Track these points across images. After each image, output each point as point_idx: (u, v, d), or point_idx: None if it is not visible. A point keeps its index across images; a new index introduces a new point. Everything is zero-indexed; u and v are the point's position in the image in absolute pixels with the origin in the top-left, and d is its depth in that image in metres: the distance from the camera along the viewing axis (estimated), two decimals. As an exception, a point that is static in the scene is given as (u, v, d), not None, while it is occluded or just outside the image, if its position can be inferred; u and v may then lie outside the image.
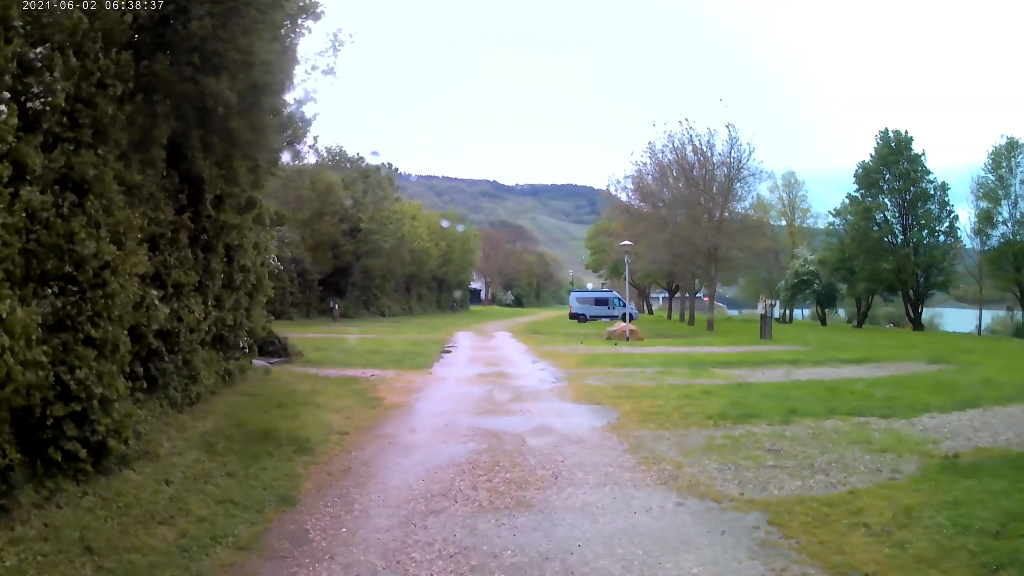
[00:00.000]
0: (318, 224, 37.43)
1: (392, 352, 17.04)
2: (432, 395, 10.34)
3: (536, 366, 15.05)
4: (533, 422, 8.22)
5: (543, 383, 12.02)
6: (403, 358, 15.60)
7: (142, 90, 7.05)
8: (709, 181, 33.48)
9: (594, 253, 65.35)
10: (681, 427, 8.48)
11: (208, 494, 5.54)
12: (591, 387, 11.58)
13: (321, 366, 13.55)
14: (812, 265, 52.80)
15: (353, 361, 14.60)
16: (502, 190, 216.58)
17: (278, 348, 14.28)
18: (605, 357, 17.16)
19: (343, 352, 16.57)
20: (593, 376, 13.16)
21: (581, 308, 43.98)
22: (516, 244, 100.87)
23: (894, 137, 45.05)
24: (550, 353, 18.01)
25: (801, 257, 54.89)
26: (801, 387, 12.69)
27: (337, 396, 9.80)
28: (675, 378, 13.41)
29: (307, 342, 19.76)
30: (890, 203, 45.47)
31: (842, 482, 6.54)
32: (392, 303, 47.27)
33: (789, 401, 10.73)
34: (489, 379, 12.31)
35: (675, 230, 32.59)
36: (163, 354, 8.12)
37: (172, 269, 7.92)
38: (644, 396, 10.71)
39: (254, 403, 9.02)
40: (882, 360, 18.40)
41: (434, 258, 52.66)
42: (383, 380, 11.75)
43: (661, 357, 17.76)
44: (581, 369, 14.39)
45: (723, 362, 16.97)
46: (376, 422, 8.03)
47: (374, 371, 12.88)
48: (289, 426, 7.56)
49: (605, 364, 15.39)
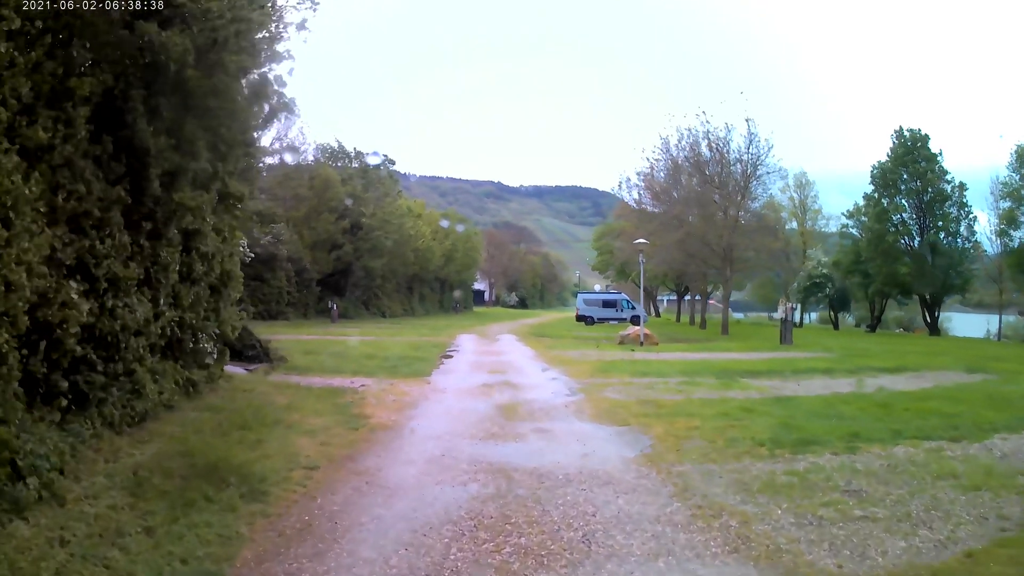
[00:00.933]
0: (316, 222, 35.97)
1: (388, 357, 15.50)
2: (428, 411, 8.77)
3: (546, 374, 13.47)
4: (550, 452, 6.63)
5: (556, 396, 10.43)
6: (399, 364, 14.05)
7: (57, 32, 5.53)
8: (725, 178, 31.87)
9: (601, 254, 63.82)
10: (731, 458, 6.91)
11: (110, 565, 4.00)
12: (612, 402, 10.00)
13: (306, 373, 12.01)
14: (825, 268, 51.38)
15: (343, 367, 13.06)
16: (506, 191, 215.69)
17: (258, 352, 12.75)
18: (621, 364, 15.57)
19: (334, 357, 15.02)
20: (611, 388, 11.59)
21: (588, 310, 42.42)
22: (520, 245, 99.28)
23: (910, 136, 43.58)
24: (560, 359, 16.43)
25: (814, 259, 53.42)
26: (848, 402, 11.20)
27: (316, 413, 8.25)
28: (704, 390, 11.85)
29: (297, 345, 18.27)
30: (907, 204, 44.03)
31: (952, 539, 5.06)
32: (393, 304, 45.78)
33: (843, 421, 9.27)
34: (494, 391, 10.73)
35: (689, 229, 30.97)
36: (95, 363, 6.60)
37: (104, 258, 6.39)
38: (675, 414, 9.14)
39: (213, 422, 7.47)
40: (918, 369, 16.98)
41: (437, 257, 51.13)
42: (373, 392, 10.20)
43: (682, 365, 16.18)
44: (597, 379, 12.82)
45: (750, 371, 15.38)
46: (356, 450, 6.47)
47: (365, 380, 11.33)
48: (246, 456, 6.01)
49: (622, 373, 13.80)
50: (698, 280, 39.19)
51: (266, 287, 32.16)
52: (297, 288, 34.77)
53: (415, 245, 45.41)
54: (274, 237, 32.82)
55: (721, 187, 31.68)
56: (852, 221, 48.72)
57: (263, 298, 31.93)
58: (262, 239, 31.85)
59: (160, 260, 7.60)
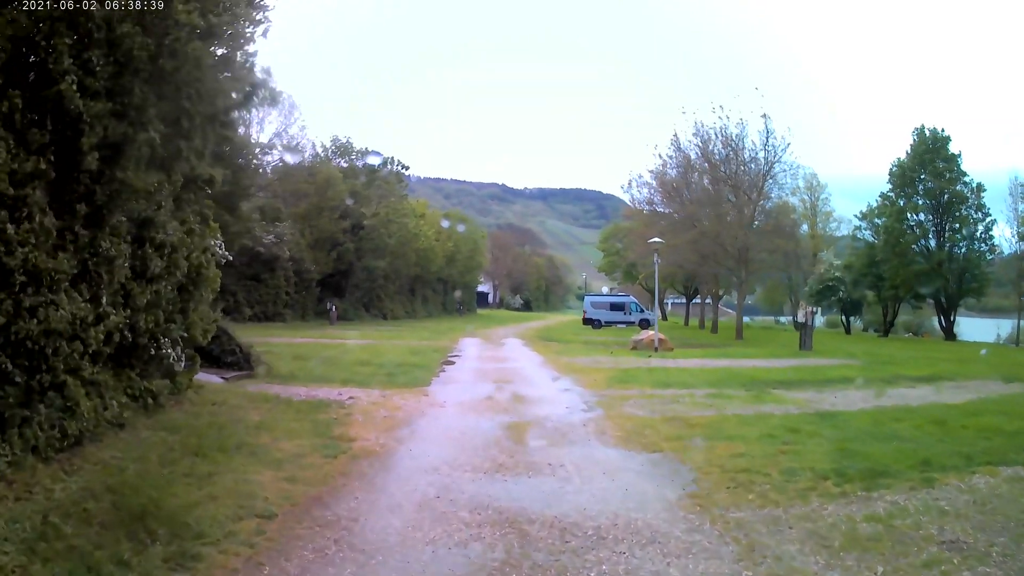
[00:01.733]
0: (316, 220, 34.76)
1: (384, 363, 14.22)
2: (423, 433, 7.45)
3: (558, 385, 12.15)
4: (573, 491, 5.31)
5: (572, 412, 9.10)
6: (396, 371, 12.76)
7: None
8: (740, 176, 30.53)
9: (607, 256, 62.38)
10: (795, 498, 5.59)
11: None
12: (636, 419, 8.67)
13: (290, 382, 10.75)
14: (837, 271, 50.06)
15: (333, 375, 11.78)
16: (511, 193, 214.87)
17: (238, 359, 11.48)
18: (638, 373, 14.25)
19: (325, 363, 13.75)
20: (632, 401, 10.26)
21: (595, 313, 41.05)
22: (525, 247, 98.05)
23: (931, 136, 42.30)
24: (571, 367, 15.11)
25: (827, 262, 52.05)
26: (898, 418, 9.95)
27: (290, 434, 6.96)
28: (736, 405, 10.54)
29: (289, 349, 17.05)
30: (924, 204, 42.79)
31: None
32: (395, 305, 44.53)
33: (904, 443, 8.05)
34: (501, 405, 9.41)
35: (703, 229, 29.61)
36: (11, 374, 5.35)
37: (18, 245, 5.13)
38: (713, 435, 7.83)
39: (164, 447, 6.20)
40: (953, 377, 15.83)
41: (440, 258, 49.87)
42: (362, 406, 8.91)
43: (704, 373, 14.86)
44: (614, 390, 11.49)
45: (780, 381, 14.07)
46: (330, 488, 5.16)
47: (354, 391, 10.04)
48: (188, 498, 4.73)
49: (642, 383, 12.48)
50: (710, 282, 37.80)
51: (263, 288, 30.97)
52: (296, 289, 33.57)
53: (417, 245, 44.18)
54: (276, 237, 31.63)
55: (736, 186, 30.35)
56: (865, 223, 47.61)
57: (260, 299, 30.75)
58: (264, 238, 30.71)
59: (101, 251, 6.32)
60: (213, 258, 9.63)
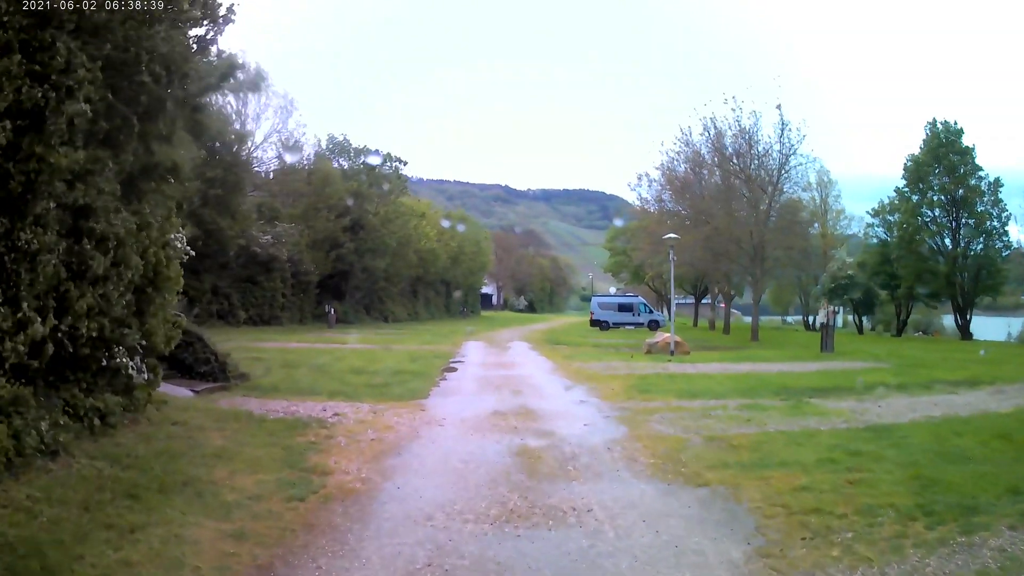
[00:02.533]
0: (314, 220, 33.55)
1: (380, 371, 13.04)
2: (416, 462, 6.20)
3: (572, 395, 10.92)
4: (608, 551, 4.03)
5: (593, 431, 7.85)
6: (392, 381, 11.57)
7: None
8: (755, 170, 29.23)
9: (613, 256, 60.98)
10: (887, 551, 4.38)
11: None
12: (669, 440, 7.44)
13: (270, 395, 9.55)
14: (850, 269, 48.78)
15: (321, 386, 10.58)
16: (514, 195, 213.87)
17: (213, 368, 10.28)
18: (658, 380, 13.00)
19: (315, 371, 12.57)
20: (659, 416, 9.01)
21: (603, 315, 39.75)
22: (529, 248, 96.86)
23: (943, 129, 40.99)
24: (584, 373, 13.87)
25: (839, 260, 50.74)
26: (958, 432, 8.76)
27: (253, 465, 5.75)
28: (776, 418, 9.30)
29: (279, 355, 15.88)
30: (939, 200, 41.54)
31: None
32: (396, 307, 43.36)
33: (979, 466, 6.94)
34: (509, 422, 8.16)
35: (716, 225, 28.31)
36: None
37: None
38: (764, 462, 6.59)
39: (95, 483, 5.01)
40: (992, 381, 14.61)
41: (442, 259, 48.69)
42: (348, 425, 7.70)
43: (730, 380, 13.61)
44: (636, 401, 10.25)
45: (814, 388, 12.85)
46: (284, 551, 3.91)
47: (341, 406, 8.84)
48: (98, 563, 3.52)
49: (665, 392, 11.23)
50: (721, 281, 36.47)
51: (259, 290, 29.82)
52: (293, 291, 32.41)
53: (419, 246, 43.01)
54: (274, 237, 30.49)
55: (750, 180, 29.06)
56: (878, 220, 46.41)
57: (255, 302, 29.61)
58: (261, 238, 29.59)
59: (20, 245, 5.15)
60: (176, 254, 8.41)
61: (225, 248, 27.16)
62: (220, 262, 27.53)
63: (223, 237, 26.71)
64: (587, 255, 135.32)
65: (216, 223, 26.38)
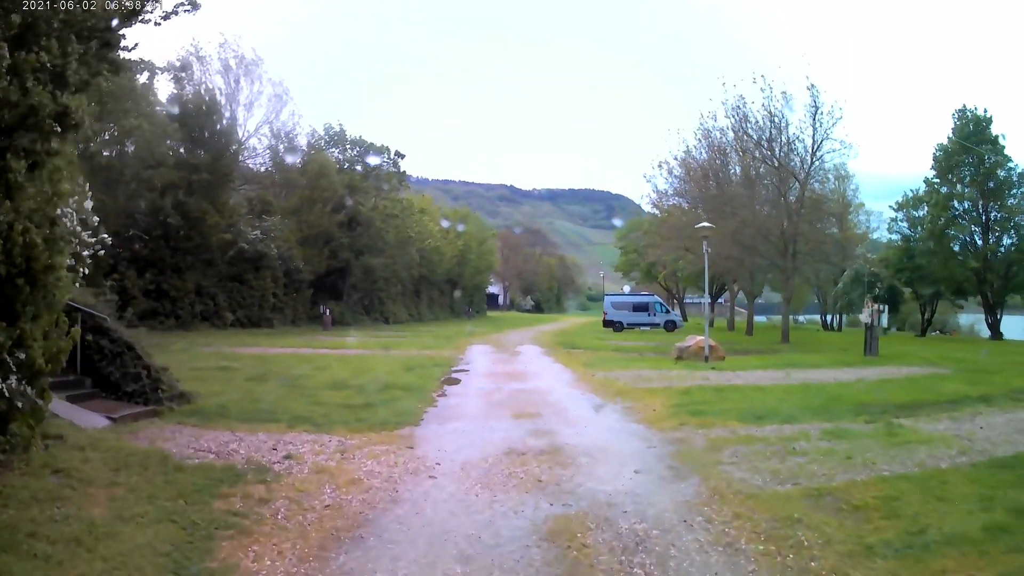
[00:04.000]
0: (308, 214, 31.26)
1: (366, 384, 10.73)
2: (387, 560, 3.83)
3: (605, 419, 8.55)
4: None
5: (651, 485, 5.46)
6: (377, 400, 9.24)
7: None
8: (785, 156, 26.74)
9: (625, 253, 58.49)
10: None
11: None
12: (765, 500, 5.07)
13: (210, 424, 7.24)
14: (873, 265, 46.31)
15: (284, 409, 8.27)
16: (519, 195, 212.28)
17: (144, 386, 7.96)
18: (704, 395, 10.62)
19: (285, 386, 10.26)
20: (730, 452, 6.66)
21: (617, 315, 37.18)
22: (535, 247, 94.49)
23: (972, 117, 38.56)
24: (613, 386, 11.48)
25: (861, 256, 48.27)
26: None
27: (120, 566, 3.41)
28: (878, 452, 7.07)
29: (253, 364, 13.62)
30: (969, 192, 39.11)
31: None
32: (397, 308, 41.04)
33: None
34: (530, 472, 5.75)
35: (745, 217, 25.83)
36: None
37: None
38: (919, 538, 4.27)
39: None
40: None
41: (446, 258, 46.31)
42: (300, 476, 5.36)
43: (789, 393, 11.24)
44: (691, 428, 7.87)
45: (891, 403, 10.61)
46: None
47: (302, 440, 6.51)
48: None
49: (723, 414, 8.85)
50: (744, 279, 33.96)
51: (247, 290, 27.54)
52: (285, 291, 30.14)
53: (421, 243, 40.67)
54: (263, 232, 28.26)
55: (782, 167, 26.57)
56: (901, 213, 44.01)
57: (243, 303, 27.34)
58: (249, 233, 27.38)
59: None
60: (69, 235, 6.11)
61: (209, 242, 24.93)
62: (204, 258, 25.29)
63: (206, 228, 24.49)
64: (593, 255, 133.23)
65: (200, 212, 24.18)
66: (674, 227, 30.21)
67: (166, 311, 23.68)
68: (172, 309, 23.95)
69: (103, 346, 8.37)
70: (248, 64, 29.76)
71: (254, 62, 29.78)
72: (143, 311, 22.72)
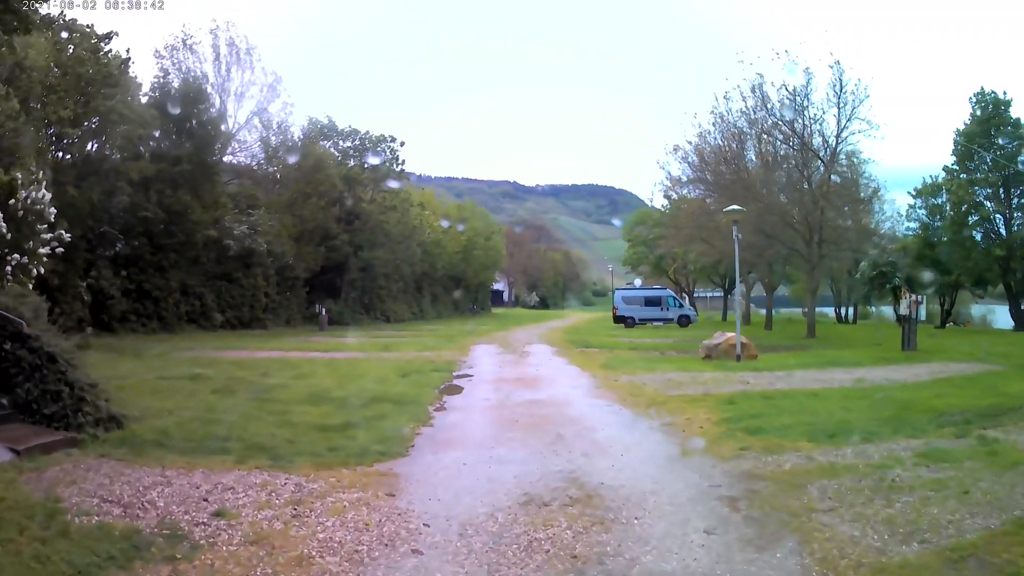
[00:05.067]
0: (303, 208, 29.57)
1: (349, 397, 9.09)
2: None
3: (644, 440, 6.85)
4: None
5: (725, 543, 3.82)
6: (359, 419, 7.59)
7: None
8: (809, 136, 24.93)
9: (633, 246, 56.48)
10: None
11: None
12: (894, 571, 3.40)
13: (141, 458, 5.62)
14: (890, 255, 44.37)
15: (239, 434, 6.63)
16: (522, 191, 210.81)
17: (64, 407, 6.33)
18: (753, 404, 8.91)
19: (253, 401, 8.62)
20: (816, 488, 5.02)
21: (628, 310, 35.37)
22: (539, 243, 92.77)
23: (991, 99, 36.54)
24: (642, 394, 9.77)
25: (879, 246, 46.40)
26: None
27: None
28: (1002, 485, 5.48)
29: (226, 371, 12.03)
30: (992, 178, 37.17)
31: None
32: (399, 306, 39.40)
33: None
34: (560, 537, 4.01)
35: (768, 202, 24.04)
36: None
37: None
38: None
39: None
40: None
41: (449, 253, 44.58)
42: (224, 553, 3.71)
43: (846, 399, 9.56)
44: (754, 454, 6.18)
45: (967, 410, 8.95)
46: None
47: (249, 483, 4.88)
48: None
49: (783, 430, 7.15)
50: (762, 269, 32.15)
51: (236, 289, 25.93)
52: (279, 289, 28.55)
53: (423, 238, 38.94)
54: (250, 227, 26.66)
55: (805, 148, 24.77)
56: (920, 201, 42.09)
57: (232, 303, 25.75)
58: (235, 229, 25.79)
59: None
60: None
61: (193, 238, 23.30)
62: (189, 256, 23.67)
63: (190, 224, 22.86)
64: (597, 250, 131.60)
65: (183, 206, 22.54)
66: (690, 214, 28.40)
67: (148, 312, 22.11)
68: (155, 310, 22.38)
69: (21, 357, 6.75)
70: (239, 52, 28.18)
71: (247, 50, 28.20)
72: (123, 312, 21.19)
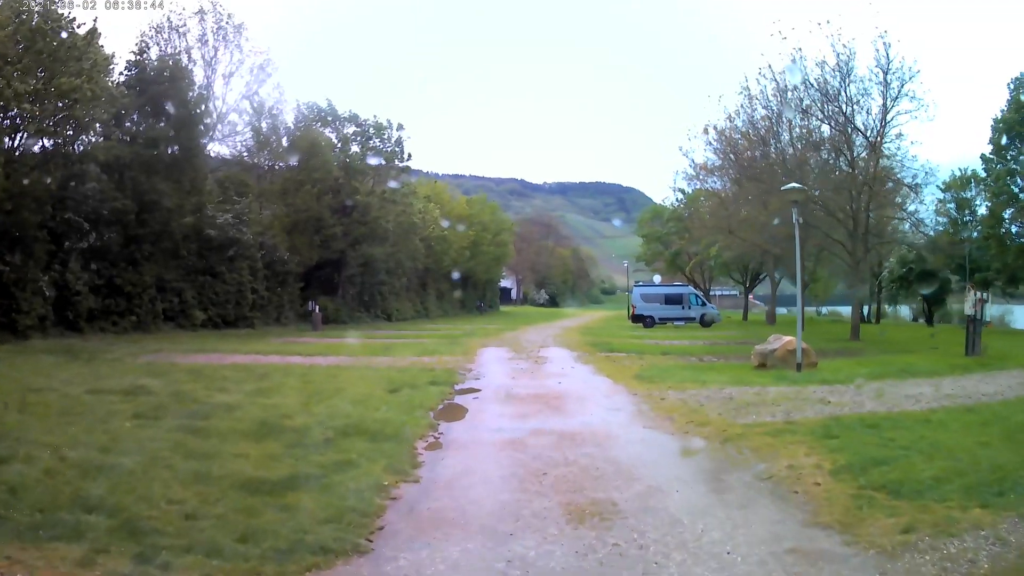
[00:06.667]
0: (295, 197, 27.20)
1: (311, 426, 6.74)
2: None
3: (745, 517, 4.43)
4: None
5: None
6: (311, 467, 5.22)
7: None
8: (851, 116, 22.33)
9: (648, 242, 53.86)
10: None
11: None
12: None
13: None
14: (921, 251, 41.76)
15: (118, 499, 4.29)
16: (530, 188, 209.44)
17: None
18: (860, 438, 6.47)
19: (177, 432, 6.28)
20: None
21: (648, 308, 32.84)
22: (548, 240, 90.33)
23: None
24: (702, 420, 7.35)
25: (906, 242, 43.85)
26: None
27: None
28: None
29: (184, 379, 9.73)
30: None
31: None
32: (401, 304, 37.06)
33: None
34: None
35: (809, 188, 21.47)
36: None
37: None
38: None
39: None
40: None
41: (455, 248, 42.17)
42: None
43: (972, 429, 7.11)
44: (928, 546, 3.76)
45: None
46: None
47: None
48: None
49: (937, 487, 4.73)
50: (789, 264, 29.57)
51: (220, 284, 23.60)
52: (268, 285, 26.23)
53: (426, 233, 36.53)
54: (235, 217, 24.40)
55: (848, 130, 22.19)
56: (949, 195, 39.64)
57: (216, 299, 23.44)
58: (218, 218, 23.54)
59: None
60: None
61: (170, 228, 21.01)
62: (166, 248, 21.36)
63: (165, 213, 20.58)
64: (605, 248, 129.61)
65: (157, 193, 20.26)
66: (717, 204, 25.85)
67: (120, 310, 19.87)
68: (128, 307, 20.14)
69: None
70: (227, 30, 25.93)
71: (236, 28, 25.96)
72: (91, 310, 18.97)
